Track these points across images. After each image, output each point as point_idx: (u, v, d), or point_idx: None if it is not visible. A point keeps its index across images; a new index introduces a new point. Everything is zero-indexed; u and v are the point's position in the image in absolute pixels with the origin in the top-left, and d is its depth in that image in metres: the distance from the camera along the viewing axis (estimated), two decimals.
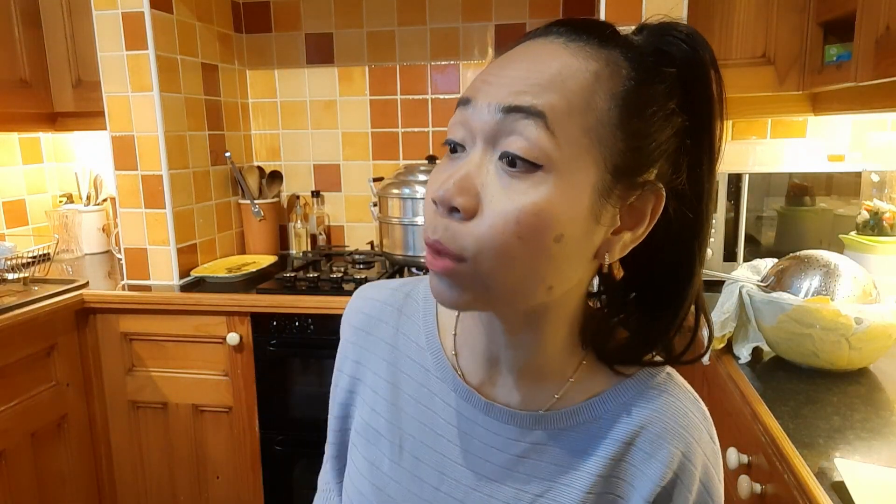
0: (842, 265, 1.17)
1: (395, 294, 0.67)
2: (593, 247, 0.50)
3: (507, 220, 0.45)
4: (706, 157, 0.51)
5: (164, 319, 1.82)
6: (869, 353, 1.12)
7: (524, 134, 0.45)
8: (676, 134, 0.49)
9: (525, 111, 0.46)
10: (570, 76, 0.46)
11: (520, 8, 2.11)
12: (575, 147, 0.46)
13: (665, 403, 0.56)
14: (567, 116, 0.46)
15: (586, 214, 0.47)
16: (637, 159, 0.48)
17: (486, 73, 0.50)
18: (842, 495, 0.77)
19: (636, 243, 0.51)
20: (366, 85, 2.25)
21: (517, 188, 0.46)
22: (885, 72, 1.19)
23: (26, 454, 1.67)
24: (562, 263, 0.48)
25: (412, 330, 0.64)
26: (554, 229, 0.46)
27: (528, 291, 0.49)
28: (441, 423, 0.60)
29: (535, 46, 0.49)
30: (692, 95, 0.49)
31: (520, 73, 0.47)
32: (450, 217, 0.47)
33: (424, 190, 1.80)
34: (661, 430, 0.55)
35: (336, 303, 1.72)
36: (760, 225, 1.76)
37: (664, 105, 0.48)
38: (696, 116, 0.50)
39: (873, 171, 1.65)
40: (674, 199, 0.51)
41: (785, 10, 1.63)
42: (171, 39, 1.88)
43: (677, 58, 0.49)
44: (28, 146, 2.33)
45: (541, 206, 0.45)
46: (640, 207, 0.50)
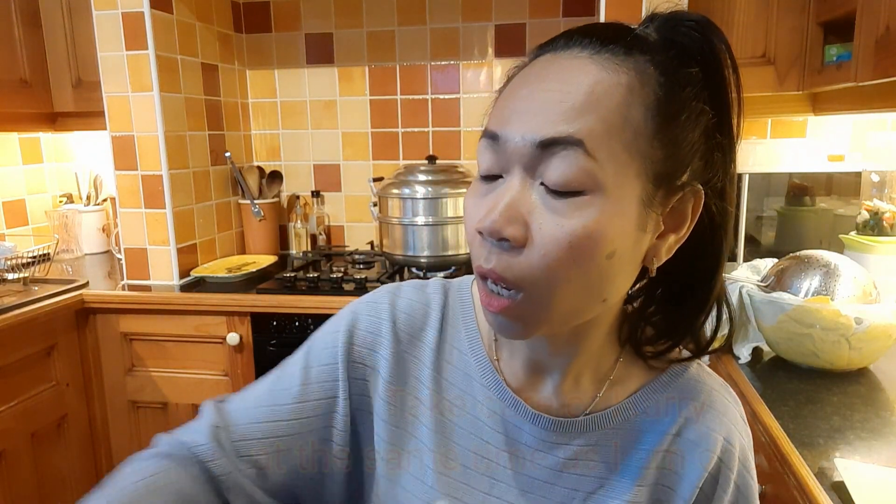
0: (842, 265, 1.17)
1: (435, 298, 0.64)
2: (641, 254, 0.50)
3: (559, 246, 0.45)
4: (728, 146, 0.51)
5: (164, 319, 1.81)
6: (869, 353, 1.12)
7: (565, 161, 0.45)
8: (705, 130, 0.49)
9: (563, 142, 0.45)
10: (605, 93, 0.46)
11: (520, 8, 2.11)
12: (617, 165, 0.46)
13: (704, 393, 0.59)
14: (606, 137, 0.45)
15: (634, 226, 0.48)
16: (674, 164, 0.48)
17: (513, 95, 0.49)
18: (842, 495, 0.77)
19: (680, 243, 0.52)
20: (366, 85, 2.25)
21: (564, 212, 0.45)
22: (885, 72, 1.19)
23: (26, 454, 1.67)
24: (615, 277, 0.49)
25: (454, 335, 0.62)
26: (606, 248, 0.46)
27: (586, 308, 0.50)
28: (487, 430, 0.59)
29: (561, 63, 0.48)
30: (713, 88, 0.50)
31: (551, 95, 0.46)
32: (500, 246, 0.47)
33: (424, 190, 1.82)
34: (704, 419, 0.58)
35: (336, 303, 1.72)
36: (760, 225, 1.76)
37: (694, 106, 0.48)
38: (718, 108, 0.50)
39: (873, 171, 1.65)
40: (712, 195, 0.51)
41: (785, 10, 1.63)
42: (171, 39, 1.88)
43: (692, 50, 0.49)
44: (28, 146, 2.33)
45: (591, 228, 0.45)
46: (681, 209, 0.50)
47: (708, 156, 0.50)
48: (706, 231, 0.52)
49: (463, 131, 2.21)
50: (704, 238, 0.53)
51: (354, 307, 0.64)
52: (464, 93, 2.19)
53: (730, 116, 0.51)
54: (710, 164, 0.50)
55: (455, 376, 0.61)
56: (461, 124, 2.21)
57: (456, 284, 0.65)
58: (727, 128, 0.51)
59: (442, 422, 0.60)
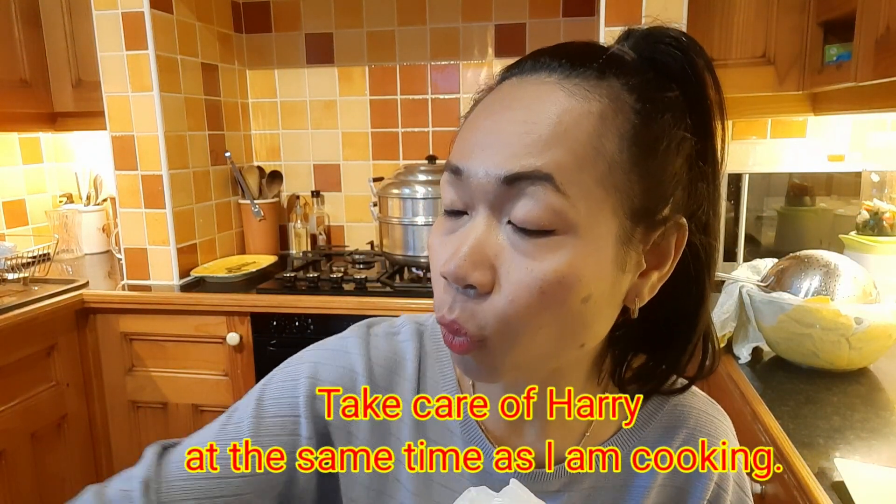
0: (842, 265, 1.17)
1: (409, 347, 0.58)
2: (621, 295, 0.47)
3: (530, 291, 0.42)
4: (712, 175, 0.48)
5: (164, 319, 1.81)
6: (869, 353, 1.12)
7: (533, 199, 0.41)
8: (688, 159, 0.46)
9: (530, 177, 0.41)
10: (574, 123, 0.42)
11: (520, 8, 2.11)
12: (590, 201, 0.42)
13: (692, 418, 0.57)
14: (577, 171, 0.41)
15: (611, 267, 0.44)
16: (654, 198, 0.44)
17: (476, 127, 0.45)
18: (842, 495, 0.77)
19: (664, 280, 0.48)
20: (366, 85, 2.25)
21: (534, 255, 0.42)
22: (885, 72, 1.19)
23: (26, 454, 1.67)
24: (592, 321, 0.45)
25: (432, 387, 0.57)
26: (581, 292, 0.43)
27: (559, 353, 0.46)
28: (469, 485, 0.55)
29: (526, 89, 0.44)
30: (695, 112, 0.46)
31: (516, 126, 0.42)
32: (464, 293, 0.44)
33: (424, 190, 1.82)
34: (695, 446, 0.56)
35: (336, 303, 1.72)
36: (760, 225, 1.76)
37: (675, 134, 0.45)
38: (702, 133, 0.47)
39: (873, 171, 1.65)
40: (694, 228, 0.47)
41: (785, 10, 1.63)
42: (171, 39, 1.88)
43: (673, 70, 0.46)
44: (28, 146, 2.33)
45: (563, 272, 0.42)
46: (664, 244, 0.47)
47: (691, 186, 0.46)
48: (690, 267, 0.49)
49: None
50: (688, 273, 0.49)
51: (314, 355, 0.57)
52: (464, 93, 2.19)
53: (713, 142, 0.47)
54: (693, 195, 0.47)
55: (436, 433, 0.56)
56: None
57: (430, 327, 0.59)
58: (711, 155, 0.47)
59: (425, 481, 0.55)
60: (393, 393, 0.56)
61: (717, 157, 0.48)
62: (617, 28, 1.56)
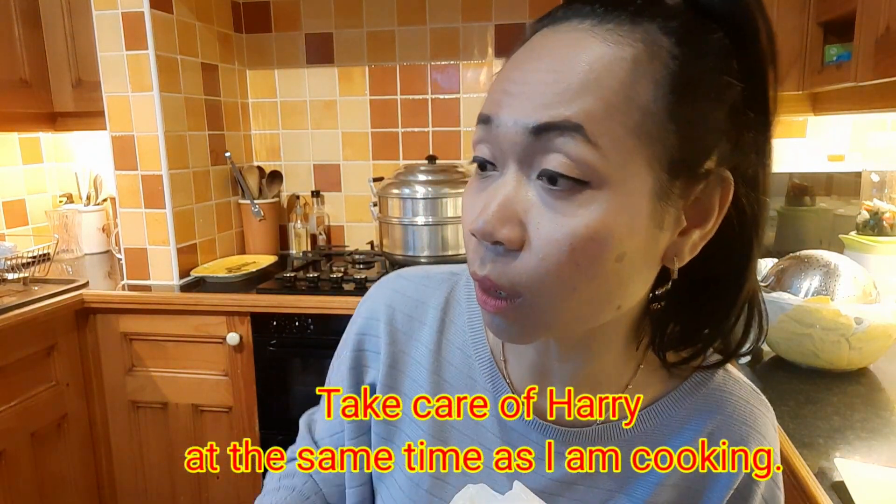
0: (842, 265, 1.17)
1: (437, 293, 0.60)
2: (660, 253, 0.44)
3: (560, 248, 0.40)
4: (762, 124, 0.44)
5: (164, 319, 1.81)
6: (869, 353, 1.12)
7: (562, 151, 0.39)
8: (733, 107, 0.42)
9: (559, 127, 0.39)
10: (605, 71, 0.40)
11: (520, 8, 2.11)
12: (623, 152, 0.40)
13: (732, 406, 0.54)
14: (608, 120, 0.39)
15: (647, 223, 0.41)
16: (694, 149, 0.41)
17: (505, 78, 0.43)
18: (842, 495, 0.77)
19: (707, 239, 0.45)
20: (366, 85, 2.25)
21: (565, 210, 0.40)
22: (885, 72, 1.19)
23: (26, 454, 1.67)
24: (627, 281, 0.43)
25: (456, 334, 0.58)
26: (614, 249, 0.41)
27: (595, 315, 0.45)
28: (489, 436, 0.55)
29: (557, 37, 0.42)
30: (743, 56, 0.42)
31: (544, 76, 0.41)
32: (494, 250, 0.43)
33: (424, 190, 1.82)
34: (731, 435, 0.53)
35: (336, 303, 1.72)
36: None
37: (716, 79, 0.41)
38: (750, 79, 0.43)
39: (873, 171, 1.65)
40: (741, 183, 0.44)
41: (785, 10, 1.63)
42: (171, 39, 1.88)
43: (718, 9, 0.42)
44: (28, 146, 2.33)
45: (595, 228, 0.40)
46: (707, 200, 0.44)
47: (737, 137, 0.43)
48: (735, 225, 0.45)
49: (463, 131, 2.21)
50: (733, 232, 0.46)
51: (359, 310, 0.63)
52: (464, 93, 2.19)
53: (765, 88, 0.43)
54: (740, 146, 0.43)
55: (456, 378, 0.57)
56: (461, 124, 2.20)
57: (465, 276, 0.60)
58: (761, 101, 0.43)
59: (440, 424, 0.57)
60: (413, 337, 0.59)
61: (769, 105, 0.44)
62: None
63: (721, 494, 0.54)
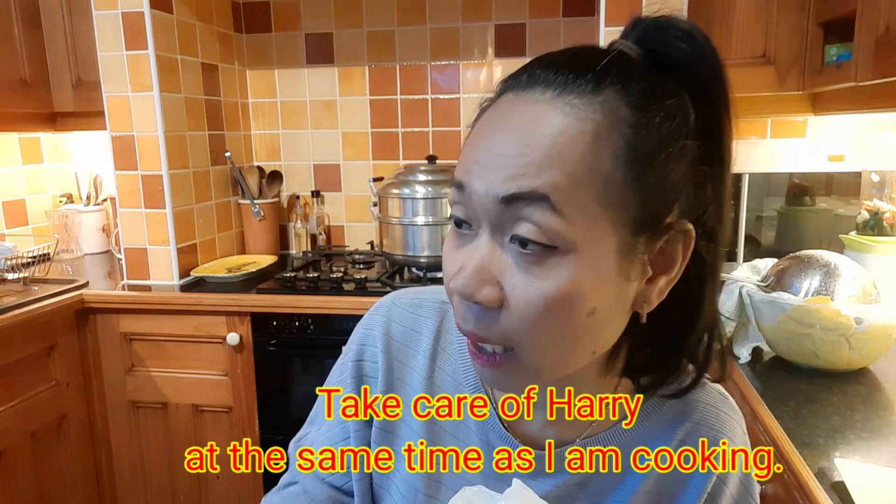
0: (842, 265, 1.17)
1: (429, 322, 0.63)
2: (629, 302, 0.47)
3: (536, 308, 0.43)
4: (720, 177, 0.47)
5: (164, 319, 1.81)
6: (869, 353, 1.12)
7: (531, 220, 0.42)
8: (691, 163, 0.45)
9: (527, 197, 0.42)
10: (567, 145, 0.42)
11: (520, 8, 2.11)
12: (588, 218, 0.42)
13: (698, 412, 0.57)
14: (572, 190, 0.42)
15: (615, 278, 0.44)
16: (655, 207, 0.44)
17: (475, 146, 0.46)
18: (842, 495, 0.77)
19: (672, 284, 0.48)
20: (366, 85, 2.25)
21: (537, 273, 0.43)
22: (885, 72, 1.19)
23: (26, 454, 1.67)
24: (600, 332, 0.47)
25: (447, 363, 0.61)
26: (585, 306, 0.44)
27: (574, 361, 0.48)
28: (478, 460, 0.59)
29: (523, 107, 0.44)
30: (702, 111, 0.45)
31: (512, 148, 0.43)
32: (474, 309, 0.46)
33: (424, 190, 1.82)
34: (697, 439, 0.56)
35: (336, 303, 1.72)
36: (760, 225, 1.76)
37: (674, 143, 0.44)
38: (708, 134, 0.46)
39: (873, 171, 1.65)
40: (701, 233, 0.47)
41: (785, 10, 1.63)
42: (171, 39, 1.88)
43: (679, 64, 0.45)
44: (28, 146, 2.33)
45: (565, 290, 0.43)
46: (671, 250, 0.46)
47: (697, 190, 0.46)
48: (693, 273, 0.48)
49: (463, 131, 2.20)
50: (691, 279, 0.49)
51: (355, 334, 0.66)
52: (464, 93, 2.19)
53: (721, 142, 0.46)
54: (698, 199, 0.46)
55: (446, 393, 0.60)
56: (461, 124, 2.20)
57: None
58: (718, 155, 0.46)
59: (435, 452, 0.60)
60: (406, 364, 0.62)
61: (725, 158, 0.47)
62: (617, 28, 1.56)
63: (693, 498, 0.57)
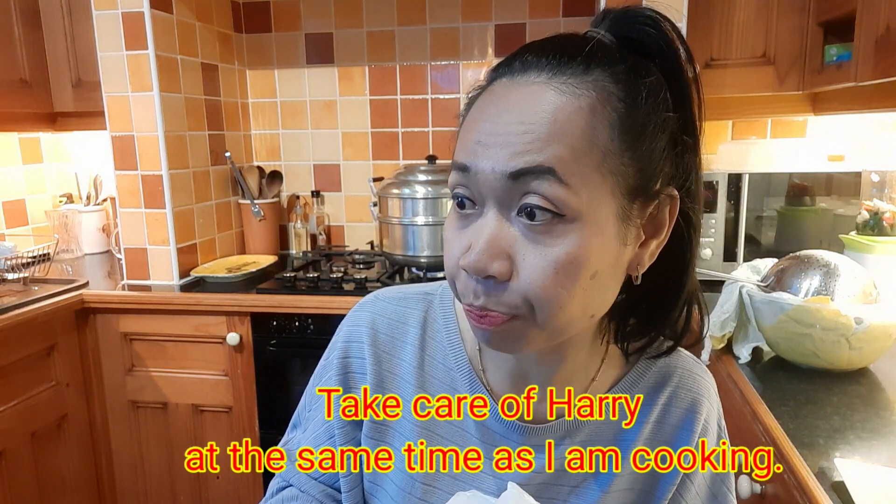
0: (842, 265, 1.17)
1: (415, 312, 0.64)
2: (625, 266, 0.51)
3: (545, 274, 0.46)
4: (694, 145, 0.51)
5: (164, 319, 1.81)
6: (869, 353, 1.12)
7: (538, 192, 0.45)
8: (671, 135, 0.49)
9: (534, 171, 0.45)
10: (567, 120, 0.45)
11: (520, 8, 2.11)
12: (590, 187, 0.46)
13: (678, 377, 0.62)
14: (575, 162, 0.45)
15: (614, 243, 0.48)
16: (646, 175, 0.48)
17: (475, 129, 0.48)
18: (842, 495, 0.77)
19: (661, 247, 0.52)
20: (366, 85, 2.25)
21: (546, 242, 0.46)
22: (885, 72, 1.19)
23: (26, 454, 1.67)
24: (600, 294, 0.50)
25: (436, 349, 0.63)
26: (589, 269, 0.47)
27: (574, 325, 0.50)
28: (474, 440, 0.60)
29: (519, 89, 0.47)
30: (673, 87, 0.50)
31: (515, 127, 0.46)
32: (485, 284, 0.47)
33: (424, 190, 1.82)
34: (682, 402, 0.61)
35: (336, 303, 1.72)
36: (760, 225, 1.76)
37: (657, 115, 0.48)
38: (681, 107, 0.50)
39: (873, 171, 1.65)
40: (685, 196, 0.51)
41: (785, 10, 1.63)
42: (171, 39, 1.88)
43: (650, 48, 0.49)
44: (28, 146, 2.33)
45: (574, 254, 0.46)
46: (659, 215, 0.51)
47: (678, 159, 0.50)
48: (681, 232, 0.53)
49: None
50: (679, 238, 0.53)
51: (339, 332, 0.66)
52: (464, 93, 2.19)
53: (692, 113, 0.51)
54: (680, 167, 0.50)
55: (440, 390, 0.61)
56: None
57: (439, 295, 0.65)
58: (691, 126, 0.51)
59: (428, 436, 0.61)
60: (395, 355, 0.63)
61: (696, 127, 0.52)
62: None
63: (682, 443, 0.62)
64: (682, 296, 0.56)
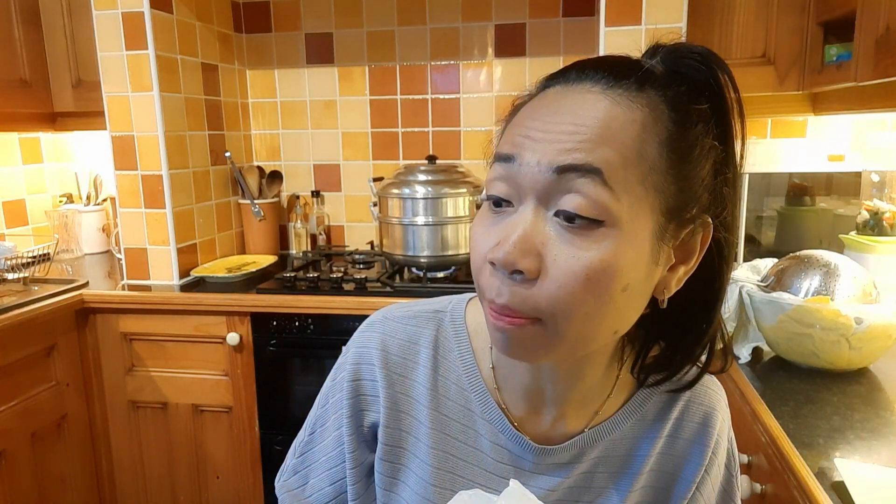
0: (842, 265, 1.17)
1: (426, 332, 0.63)
2: (652, 286, 0.50)
3: (576, 278, 0.45)
4: (734, 180, 0.52)
5: (164, 319, 1.81)
6: (869, 353, 1.12)
7: (582, 192, 0.45)
8: (714, 165, 0.50)
9: (581, 169, 0.45)
10: (620, 128, 0.46)
11: (520, 8, 2.11)
12: (632, 198, 0.46)
13: (695, 391, 0.61)
14: (622, 169, 0.45)
15: (648, 260, 0.48)
16: (686, 198, 0.48)
17: (524, 125, 0.48)
18: (842, 495, 0.77)
19: (689, 275, 0.52)
20: (366, 85, 2.25)
21: (580, 245, 0.45)
22: (885, 72, 1.19)
23: (26, 454, 1.67)
24: (627, 310, 0.49)
25: (449, 369, 0.62)
26: (622, 281, 0.46)
27: (596, 338, 0.49)
28: (490, 461, 0.60)
29: (572, 96, 0.48)
30: (719, 122, 0.50)
31: (566, 127, 0.46)
32: (511, 279, 0.47)
33: (424, 190, 1.82)
34: (697, 418, 0.61)
35: (336, 303, 1.72)
36: (760, 225, 1.76)
37: (705, 142, 0.49)
38: (725, 142, 0.51)
39: (873, 171, 1.65)
40: (720, 226, 0.51)
41: (785, 10, 1.63)
42: (171, 39, 1.88)
43: (699, 83, 0.50)
44: (28, 146, 2.33)
45: (608, 262, 0.45)
46: (691, 242, 0.50)
47: (717, 190, 0.50)
48: (712, 262, 0.52)
49: (463, 131, 2.21)
50: (709, 269, 0.53)
51: (348, 353, 0.64)
52: (464, 93, 2.19)
53: (734, 150, 0.52)
54: (718, 198, 0.51)
55: (454, 412, 0.61)
56: (461, 124, 2.20)
57: (449, 313, 0.64)
58: (733, 161, 0.52)
59: (444, 457, 0.60)
60: (408, 377, 0.62)
61: (737, 164, 0.52)
62: (617, 28, 1.56)
63: (692, 474, 0.61)
64: (707, 333, 0.55)
